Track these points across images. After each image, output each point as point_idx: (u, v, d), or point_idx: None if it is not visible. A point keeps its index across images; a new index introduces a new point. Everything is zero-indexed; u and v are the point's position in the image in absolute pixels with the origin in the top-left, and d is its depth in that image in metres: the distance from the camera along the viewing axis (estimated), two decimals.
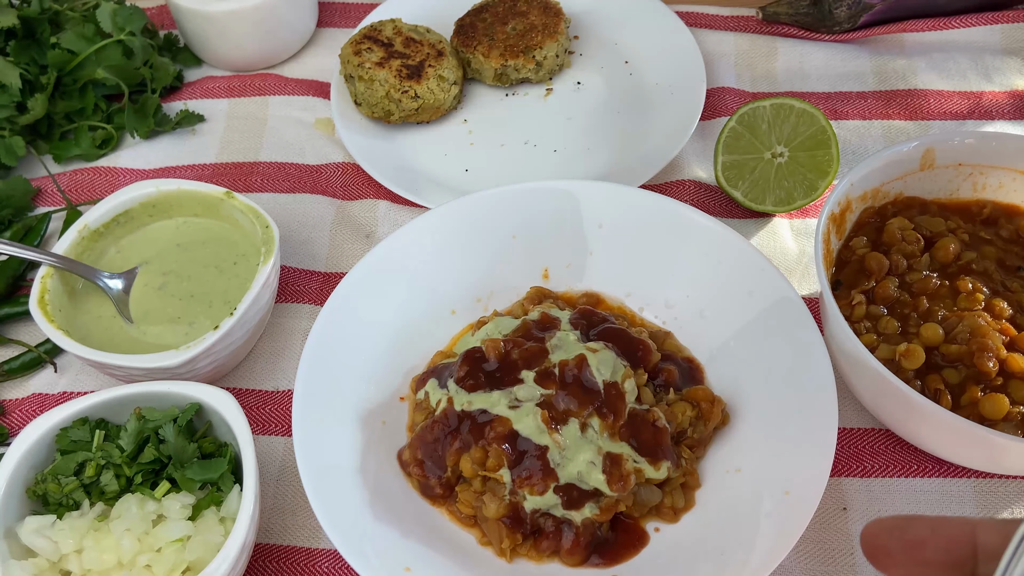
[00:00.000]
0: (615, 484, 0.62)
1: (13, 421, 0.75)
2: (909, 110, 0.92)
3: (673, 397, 0.69)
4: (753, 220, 0.85)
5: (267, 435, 0.74)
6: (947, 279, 0.68)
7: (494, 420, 0.63)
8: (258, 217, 0.76)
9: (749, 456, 0.66)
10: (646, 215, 0.75)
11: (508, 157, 0.92)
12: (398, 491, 0.66)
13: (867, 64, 0.96)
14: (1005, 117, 0.91)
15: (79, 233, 0.76)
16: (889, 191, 0.74)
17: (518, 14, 0.97)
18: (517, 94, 0.97)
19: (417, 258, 0.75)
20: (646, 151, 0.88)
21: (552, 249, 0.77)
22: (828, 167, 0.82)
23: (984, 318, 0.64)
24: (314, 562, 0.67)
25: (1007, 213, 0.74)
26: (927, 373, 0.64)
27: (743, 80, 0.97)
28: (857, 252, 0.71)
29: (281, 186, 0.90)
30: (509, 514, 0.63)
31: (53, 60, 0.90)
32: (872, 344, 0.65)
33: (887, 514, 0.67)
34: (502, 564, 0.63)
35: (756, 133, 0.83)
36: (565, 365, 0.65)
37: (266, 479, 0.71)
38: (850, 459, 0.70)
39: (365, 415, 0.69)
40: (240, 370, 0.78)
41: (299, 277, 0.84)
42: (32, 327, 0.81)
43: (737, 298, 0.71)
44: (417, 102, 0.90)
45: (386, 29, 0.94)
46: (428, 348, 0.74)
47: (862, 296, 0.68)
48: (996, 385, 0.62)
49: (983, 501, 0.67)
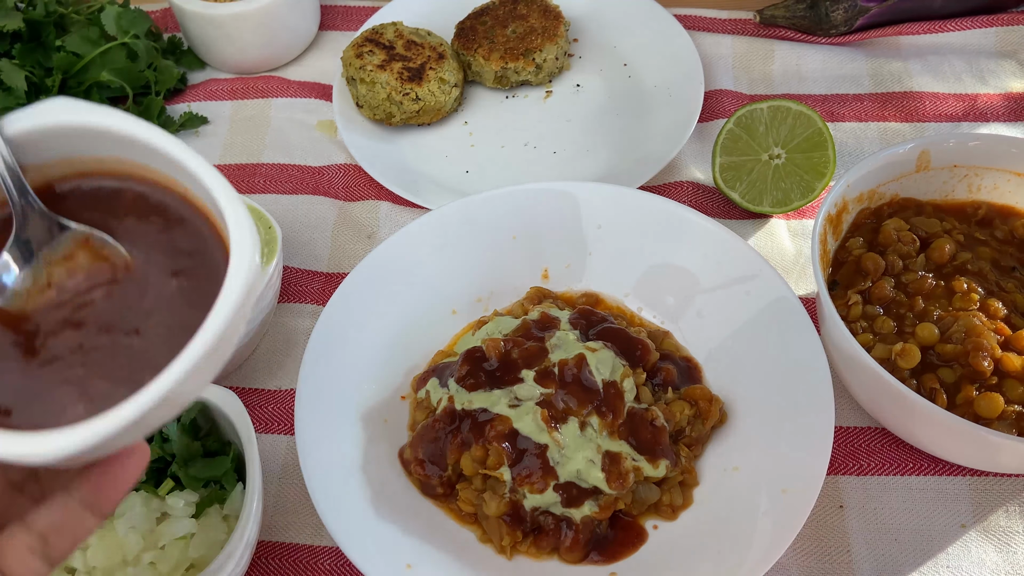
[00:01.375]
0: (614, 482, 0.62)
1: None
2: (905, 112, 0.93)
3: (671, 396, 0.69)
4: (751, 221, 0.86)
5: (270, 434, 0.74)
6: (942, 279, 0.69)
7: (494, 419, 0.64)
8: (261, 218, 0.76)
9: (747, 454, 0.66)
10: (645, 216, 0.76)
11: (508, 159, 0.92)
12: (399, 489, 0.66)
13: (863, 67, 0.97)
14: (1000, 119, 0.92)
15: None
16: (885, 192, 0.74)
17: (518, 17, 0.98)
18: (517, 96, 0.98)
19: (418, 258, 0.75)
20: (645, 153, 0.89)
21: (552, 249, 0.78)
22: (825, 169, 0.82)
23: (979, 318, 0.65)
24: (316, 559, 0.68)
25: (1002, 214, 0.74)
26: (923, 372, 0.64)
27: (740, 82, 0.97)
28: (853, 253, 0.72)
29: (284, 187, 0.91)
30: (509, 512, 0.63)
31: (58, 63, 0.90)
32: (868, 344, 0.66)
33: (883, 512, 0.67)
34: (502, 561, 0.64)
35: (753, 135, 0.84)
36: (564, 364, 0.66)
37: (269, 477, 0.72)
38: (847, 457, 0.70)
39: (367, 414, 0.69)
40: (243, 369, 0.78)
41: (301, 277, 0.84)
42: None
43: (735, 298, 0.72)
44: (418, 104, 0.91)
45: (387, 32, 0.95)
46: (429, 347, 0.75)
47: (858, 296, 0.68)
48: (991, 384, 0.62)
49: (978, 499, 0.68)
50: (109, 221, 0.41)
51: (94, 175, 0.42)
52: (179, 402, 0.38)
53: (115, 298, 0.40)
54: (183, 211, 0.42)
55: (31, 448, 0.33)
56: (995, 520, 0.67)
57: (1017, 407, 0.62)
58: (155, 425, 0.37)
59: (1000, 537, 0.66)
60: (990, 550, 0.65)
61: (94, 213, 0.41)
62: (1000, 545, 0.66)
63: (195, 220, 0.42)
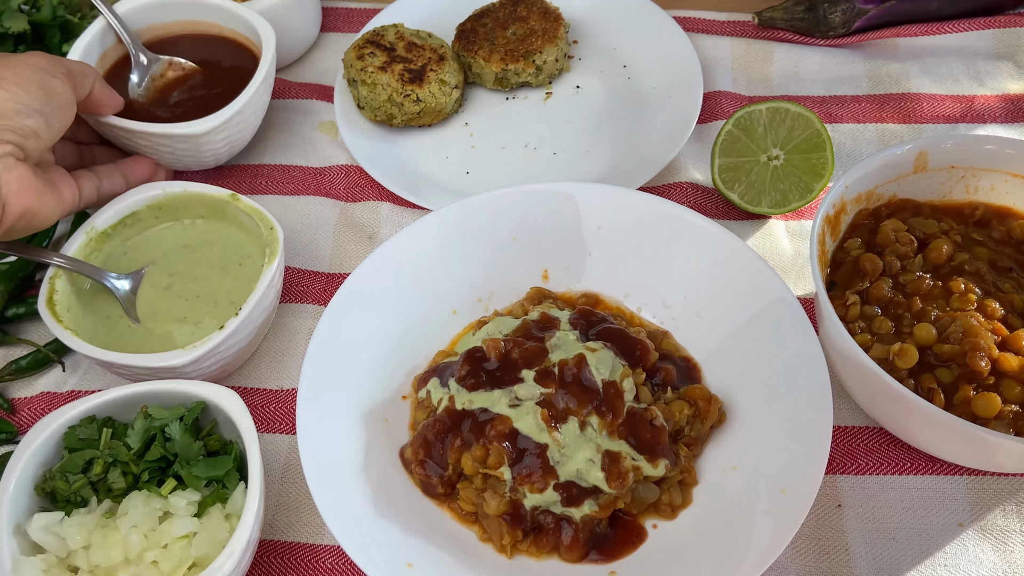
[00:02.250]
0: (614, 481, 0.63)
1: (22, 419, 0.77)
2: (903, 113, 0.93)
3: (671, 396, 0.69)
4: (749, 222, 0.86)
5: (272, 433, 0.75)
6: (940, 280, 0.69)
7: (495, 419, 0.64)
8: (263, 219, 0.77)
9: (746, 454, 0.66)
10: (644, 217, 0.76)
11: (508, 160, 0.93)
12: (400, 488, 0.67)
13: (861, 68, 0.97)
14: (997, 120, 0.92)
15: (87, 235, 0.77)
16: (883, 193, 0.75)
17: (518, 19, 0.98)
18: (517, 98, 0.98)
19: (419, 259, 0.75)
20: (644, 154, 0.89)
21: (552, 250, 0.78)
22: (823, 170, 0.83)
23: (976, 318, 0.65)
24: (317, 558, 0.68)
25: (999, 215, 0.75)
26: (920, 372, 0.65)
27: (739, 84, 0.98)
28: (852, 253, 0.72)
29: (286, 188, 0.91)
30: (509, 511, 0.63)
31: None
32: (866, 344, 0.66)
33: (881, 511, 0.68)
34: (502, 560, 0.64)
35: (752, 136, 0.85)
36: (564, 364, 0.66)
37: (271, 476, 0.72)
38: (845, 457, 0.71)
39: (368, 413, 0.70)
40: (245, 369, 0.79)
41: (303, 278, 0.85)
42: (41, 327, 0.82)
43: (734, 298, 0.72)
44: (419, 106, 0.91)
45: (388, 34, 0.95)
46: (430, 347, 0.75)
47: (856, 296, 0.68)
48: (988, 384, 0.63)
49: (975, 498, 0.68)
50: (185, 51, 0.91)
51: (187, 28, 0.93)
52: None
53: (200, 83, 0.90)
54: (226, 42, 0.91)
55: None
56: (992, 519, 0.67)
57: (1014, 407, 0.62)
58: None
59: (997, 536, 0.66)
60: (987, 549, 0.66)
61: (175, 48, 0.91)
62: (997, 544, 0.66)
63: (234, 45, 0.91)
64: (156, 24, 0.91)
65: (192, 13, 0.91)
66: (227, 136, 0.84)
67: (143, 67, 0.87)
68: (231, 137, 0.85)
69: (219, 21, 0.91)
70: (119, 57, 0.90)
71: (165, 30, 0.92)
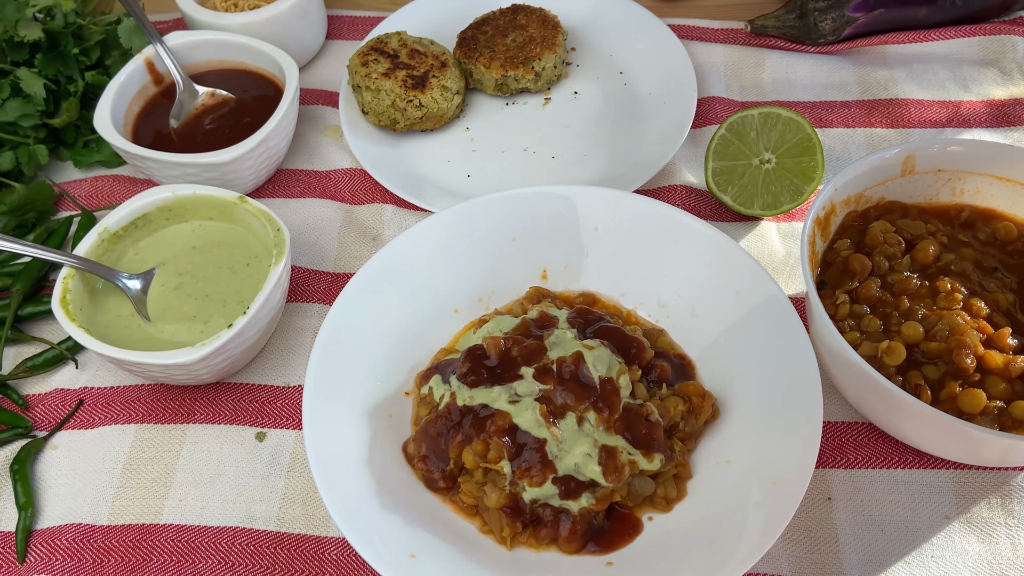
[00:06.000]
0: (610, 475, 0.63)
1: (36, 415, 0.78)
2: (891, 118, 0.95)
3: (666, 392, 0.70)
4: (742, 223, 0.88)
5: (279, 428, 0.76)
6: (927, 280, 0.70)
7: (495, 414, 0.65)
8: (270, 220, 0.78)
9: (738, 448, 0.67)
10: (640, 218, 0.77)
11: (508, 163, 0.94)
12: (403, 482, 0.68)
13: (851, 75, 0.99)
14: (982, 125, 0.93)
15: (99, 236, 0.78)
16: (872, 196, 0.76)
17: (518, 27, 1.00)
18: (517, 103, 1.00)
19: (421, 259, 0.76)
20: (640, 158, 0.91)
21: (550, 251, 0.79)
22: (813, 173, 0.84)
23: (962, 317, 0.66)
24: (323, 549, 0.69)
25: (984, 216, 0.76)
26: (908, 369, 0.65)
27: (732, 90, 0.99)
28: (841, 254, 0.73)
29: (292, 191, 0.93)
30: (509, 504, 0.64)
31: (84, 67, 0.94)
32: (855, 342, 0.67)
33: (870, 503, 0.69)
34: (502, 551, 0.65)
35: (745, 140, 0.86)
36: (563, 362, 0.67)
37: (277, 471, 0.73)
38: (834, 451, 0.72)
39: (372, 409, 0.71)
40: (253, 366, 0.80)
41: (309, 278, 0.86)
42: (54, 325, 0.83)
43: (727, 298, 0.73)
44: (421, 111, 0.93)
45: (392, 41, 0.97)
46: (432, 345, 0.76)
47: (846, 296, 0.69)
48: (974, 381, 0.64)
49: (961, 491, 0.69)
50: (222, 83, 0.95)
51: (214, 65, 0.97)
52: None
53: (229, 113, 0.94)
54: (256, 76, 0.96)
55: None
56: (978, 511, 0.68)
57: (999, 403, 0.63)
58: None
59: (982, 528, 0.68)
60: (973, 540, 0.67)
61: (203, 82, 0.95)
62: (982, 536, 0.67)
63: (262, 78, 0.96)
64: (187, 64, 0.95)
65: (220, 53, 0.96)
66: (252, 165, 0.87)
67: (187, 100, 0.93)
68: (256, 165, 0.88)
69: (246, 59, 0.95)
70: (155, 92, 0.94)
71: (194, 68, 0.96)
